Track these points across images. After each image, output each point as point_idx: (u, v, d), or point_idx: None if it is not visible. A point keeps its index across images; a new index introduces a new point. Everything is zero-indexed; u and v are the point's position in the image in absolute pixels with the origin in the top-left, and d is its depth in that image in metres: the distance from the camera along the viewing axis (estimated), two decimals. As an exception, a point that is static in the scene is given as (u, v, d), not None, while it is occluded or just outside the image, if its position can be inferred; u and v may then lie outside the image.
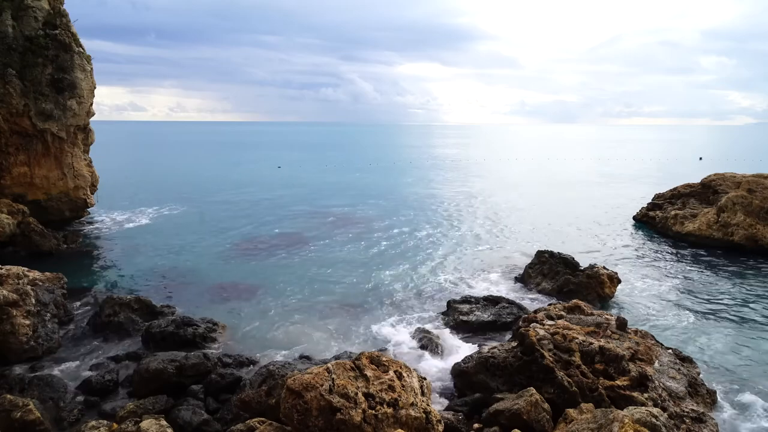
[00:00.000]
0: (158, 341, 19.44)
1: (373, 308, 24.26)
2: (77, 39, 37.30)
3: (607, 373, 14.85)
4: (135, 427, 13.00)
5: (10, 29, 33.61)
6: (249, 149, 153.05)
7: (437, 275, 29.23)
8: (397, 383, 12.38)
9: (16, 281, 20.04)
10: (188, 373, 16.63)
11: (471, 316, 21.57)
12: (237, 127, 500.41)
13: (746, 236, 33.51)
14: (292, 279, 28.11)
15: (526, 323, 17.87)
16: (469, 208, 51.20)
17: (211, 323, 20.97)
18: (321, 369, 12.24)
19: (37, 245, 32.06)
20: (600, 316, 18.48)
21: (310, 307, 24.19)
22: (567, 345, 15.66)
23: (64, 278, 23.24)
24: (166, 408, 15.16)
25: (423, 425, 11.95)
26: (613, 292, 25.31)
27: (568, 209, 50.10)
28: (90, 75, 37.52)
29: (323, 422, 11.29)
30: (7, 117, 33.76)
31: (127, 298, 22.21)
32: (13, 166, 35.35)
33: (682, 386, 15.16)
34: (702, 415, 14.09)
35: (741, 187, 36.18)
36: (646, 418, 11.19)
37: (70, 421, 14.90)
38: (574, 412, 13.22)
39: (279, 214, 47.05)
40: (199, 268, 30.07)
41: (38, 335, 18.87)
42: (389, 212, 48.16)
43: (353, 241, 36.97)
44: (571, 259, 27.03)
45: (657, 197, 44.05)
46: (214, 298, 25.34)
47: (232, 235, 38.61)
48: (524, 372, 15.44)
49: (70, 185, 37.80)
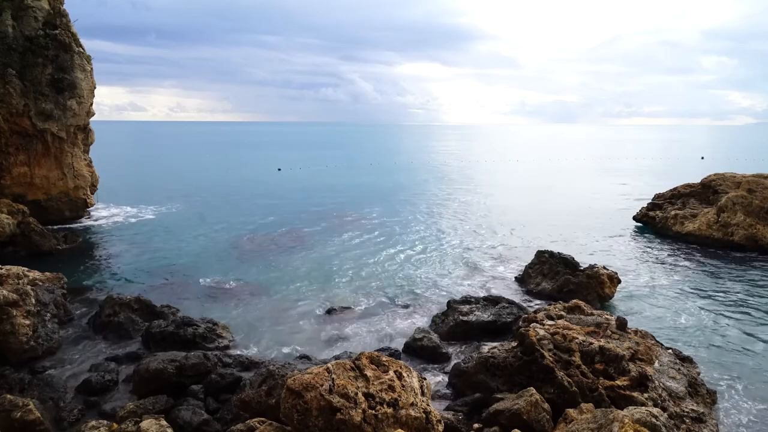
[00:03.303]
0: (158, 341, 19.43)
1: (373, 308, 24.26)
2: (77, 39, 37.32)
3: (607, 373, 14.85)
4: (135, 427, 12.99)
5: (10, 29, 33.62)
6: (249, 149, 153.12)
7: (437, 275, 29.23)
8: (397, 383, 12.37)
9: (16, 281, 20.04)
10: (188, 373, 16.63)
11: (471, 316, 21.56)
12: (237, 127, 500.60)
13: (746, 236, 33.51)
14: (292, 279, 28.12)
15: (526, 323, 17.86)
16: (469, 208, 51.21)
17: (211, 323, 20.96)
18: (321, 369, 12.24)
19: (37, 245, 32.06)
20: (600, 316, 18.48)
21: (310, 307, 24.19)
22: (567, 345, 15.66)
23: (64, 278, 23.24)
24: (166, 408, 15.15)
25: (423, 425, 11.95)
26: (613, 292, 25.30)
27: (568, 209, 50.11)
28: (90, 75, 37.55)
29: (323, 422, 11.28)
30: (7, 117, 33.77)
31: (127, 298, 22.20)
32: (13, 166, 35.38)
33: (682, 386, 15.16)
34: (702, 415, 14.10)
35: (741, 187, 36.18)
36: (646, 418, 11.19)
37: (70, 421, 14.90)
38: (574, 412, 13.22)
39: (279, 214, 47.05)
40: (199, 268, 30.07)
41: (38, 335, 18.87)
42: (389, 212, 48.16)
43: (353, 241, 36.98)
44: (571, 259, 27.02)
45: (657, 197, 44.04)
46: (214, 298, 25.35)
47: (232, 235, 38.61)
48: (524, 372, 15.43)
49: (70, 185, 37.82)
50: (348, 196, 58.11)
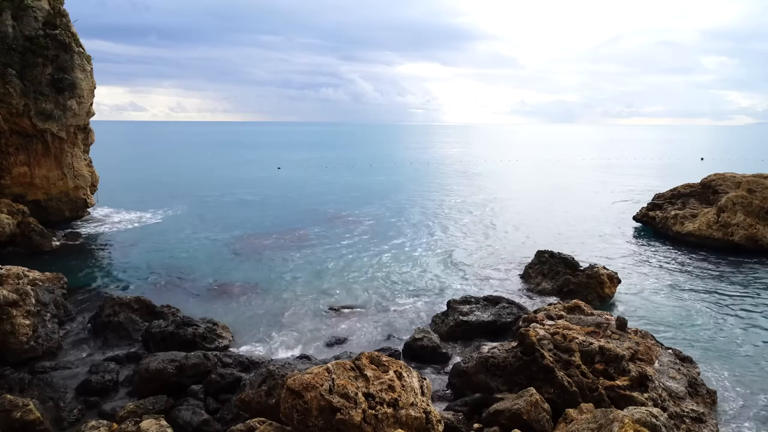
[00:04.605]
0: (158, 341, 19.42)
1: (374, 308, 24.27)
2: (77, 39, 37.30)
3: (607, 373, 14.85)
4: (135, 427, 13.00)
5: (10, 29, 33.61)
6: (249, 149, 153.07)
7: (437, 275, 29.23)
8: (397, 383, 12.37)
9: (16, 281, 20.04)
10: (188, 373, 16.63)
11: (471, 316, 21.56)
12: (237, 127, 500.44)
13: (746, 236, 33.50)
14: (292, 279, 28.13)
15: (526, 323, 17.88)
16: (468, 208, 51.19)
17: (211, 323, 20.96)
18: (321, 369, 12.24)
19: (37, 245, 32.07)
20: (600, 316, 18.49)
21: (310, 307, 24.20)
22: (567, 345, 15.66)
23: (64, 278, 23.25)
24: (166, 408, 15.16)
25: (423, 425, 11.94)
26: (613, 292, 25.30)
27: (568, 209, 50.12)
28: (90, 75, 37.53)
29: (323, 422, 11.28)
30: (7, 117, 33.76)
31: (127, 298, 22.20)
32: (13, 166, 35.36)
33: (682, 386, 15.16)
34: (702, 415, 14.10)
35: (741, 187, 36.18)
36: (646, 418, 11.19)
37: (70, 421, 14.90)
38: (574, 412, 13.22)
39: (279, 214, 47.06)
40: (200, 268, 30.07)
41: (38, 335, 18.86)
42: (389, 212, 48.17)
43: (353, 241, 36.98)
44: (571, 259, 27.03)
45: (657, 197, 44.03)
46: (214, 298, 25.35)
47: (232, 235, 38.61)
48: (524, 372, 15.43)
49: (70, 185, 37.80)
50: (348, 196, 58.11)
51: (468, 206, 52.02)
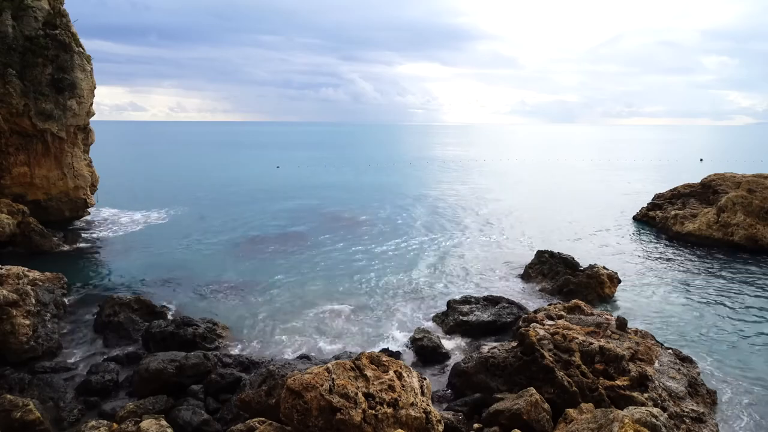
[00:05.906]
0: (158, 341, 19.43)
1: (374, 308, 24.26)
2: (77, 39, 37.29)
3: (607, 373, 14.86)
4: (135, 427, 13.00)
5: (10, 29, 33.60)
6: (249, 149, 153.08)
7: (437, 275, 29.23)
8: (397, 383, 12.37)
9: (16, 281, 20.04)
10: (188, 373, 16.63)
11: (471, 316, 21.57)
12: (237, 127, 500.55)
13: (746, 236, 33.51)
14: (292, 279, 28.11)
15: (526, 323, 17.88)
16: (469, 208, 51.19)
17: (211, 323, 20.97)
18: (321, 369, 12.24)
19: (37, 245, 32.07)
20: (600, 316, 18.49)
21: (310, 307, 24.19)
22: (567, 345, 15.66)
23: (64, 278, 23.25)
24: (166, 408, 15.16)
25: (423, 425, 11.94)
26: (613, 292, 25.31)
27: (567, 209, 50.10)
28: (90, 75, 37.52)
29: (323, 422, 11.28)
30: (7, 117, 33.76)
31: (127, 298, 22.21)
32: (13, 166, 35.36)
33: (682, 386, 15.16)
34: (702, 415, 14.10)
35: (741, 187, 36.18)
36: (646, 418, 11.19)
37: (70, 421, 14.91)
38: (574, 412, 13.22)
39: (279, 214, 47.05)
40: (199, 268, 30.06)
41: (38, 335, 18.87)
42: (389, 212, 48.17)
43: (353, 241, 36.97)
44: (571, 259, 27.04)
45: (657, 197, 44.07)
46: (214, 298, 25.35)
47: (233, 235, 38.61)
48: (524, 372, 15.43)
49: (70, 185, 37.80)
50: (348, 196, 58.10)
51: (468, 206, 52.01)
